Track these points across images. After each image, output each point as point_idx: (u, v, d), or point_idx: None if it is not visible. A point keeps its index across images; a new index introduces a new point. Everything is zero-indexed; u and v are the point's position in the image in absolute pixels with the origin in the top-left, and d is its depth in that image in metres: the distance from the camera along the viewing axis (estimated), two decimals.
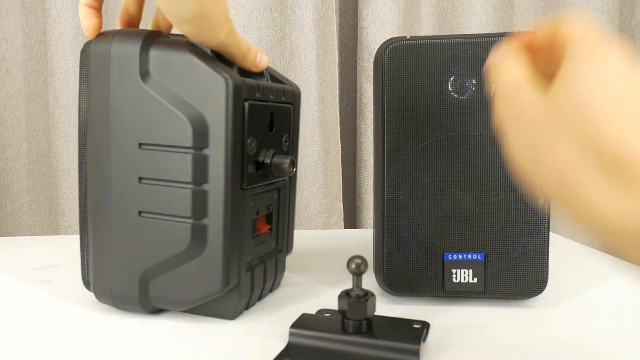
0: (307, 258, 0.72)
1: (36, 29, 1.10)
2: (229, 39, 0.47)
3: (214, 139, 0.45)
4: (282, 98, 0.54)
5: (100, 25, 0.50)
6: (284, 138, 0.54)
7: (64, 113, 1.09)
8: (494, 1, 1.18)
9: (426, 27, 1.18)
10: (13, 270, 0.67)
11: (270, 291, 0.58)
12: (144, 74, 0.46)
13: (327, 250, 0.77)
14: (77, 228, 1.12)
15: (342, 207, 1.18)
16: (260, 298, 0.56)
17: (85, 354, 0.44)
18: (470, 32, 1.17)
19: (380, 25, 1.13)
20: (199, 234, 0.46)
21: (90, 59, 0.48)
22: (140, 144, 0.47)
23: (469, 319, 0.51)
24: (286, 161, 0.51)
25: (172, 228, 0.47)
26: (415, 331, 0.45)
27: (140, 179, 0.47)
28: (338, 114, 1.16)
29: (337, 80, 1.16)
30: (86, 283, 0.53)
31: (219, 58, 0.48)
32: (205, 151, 0.45)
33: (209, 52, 0.48)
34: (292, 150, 0.57)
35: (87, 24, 0.50)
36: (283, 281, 0.61)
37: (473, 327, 0.49)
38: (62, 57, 1.06)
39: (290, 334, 0.45)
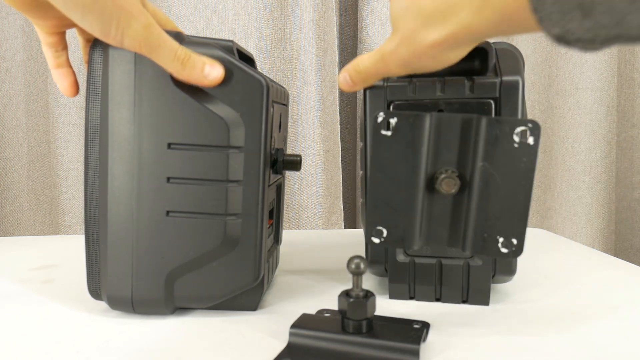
0: (307, 258, 0.72)
1: None
2: (151, 37, 0.43)
3: (250, 137, 0.47)
4: (283, 100, 0.57)
5: (75, 82, 0.51)
6: (285, 137, 0.58)
7: (64, 113, 1.09)
8: None
9: None
10: (13, 270, 0.67)
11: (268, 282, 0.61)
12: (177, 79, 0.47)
13: (328, 250, 0.77)
14: (77, 228, 1.12)
15: (342, 207, 1.18)
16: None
17: (85, 353, 0.44)
18: None
19: (380, 25, 1.12)
20: (233, 230, 0.48)
21: (111, 58, 0.47)
22: (169, 144, 0.47)
23: (469, 319, 0.51)
24: (297, 158, 0.54)
25: (203, 226, 0.48)
26: (415, 331, 0.45)
27: (169, 178, 0.48)
28: (338, 114, 1.16)
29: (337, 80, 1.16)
30: (94, 293, 0.51)
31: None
32: (241, 150, 0.47)
33: (235, 52, 0.49)
34: (285, 147, 0.60)
35: (63, 85, 0.51)
36: (283, 281, 0.61)
37: (473, 327, 0.49)
38: None
39: (291, 334, 0.45)
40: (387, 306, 0.54)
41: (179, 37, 0.47)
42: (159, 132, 0.47)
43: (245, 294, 0.51)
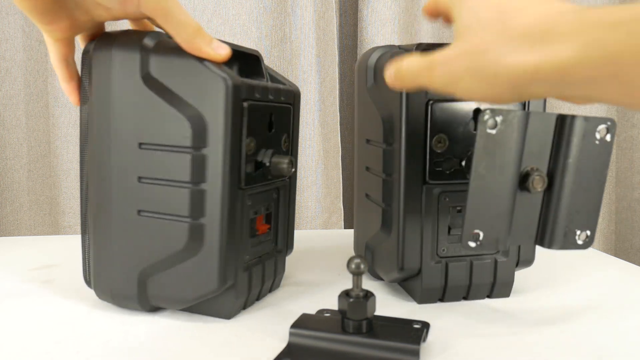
0: (307, 258, 0.72)
1: (36, 29, 1.10)
2: (166, 3, 0.44)
3: (212, 138, 0.45)
4: (282, 98, 0.54)
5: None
6: (283, 138, 0.54)
7: (64, 113, 1.09)
8: None
9: (426, 27, 1.18)
10: (13, 270, 0.67)
11: (270, 291, 0.58)
12: (145, 75, 0.47)
13: (327, 250, 0.77)
14: (77, 228, 1.12)
15: (342, 207, 1.18)
16: (258, 298, 0.56)
17: (85, 353, 0.44)
18: None
19: (380, 26, 1.12)
20: (196, 233, 0.47)
21: (93, 60, 0.49)
22: (140, 144, 0.47)
23: (469, 319, 0.51)
24: (285, 161, 0.51)
25: (170, 227, 0.47)
26: (416, 331, 0.45)
27: (139, 178, 0.48)
28: (338, 114, 1.16)
29: (337, 80, 1.16)
30: (87, 281, 0.53)
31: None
32: (204, 151, 0.46)
33: None
34: (291, 150, 0.57)
35: (76, 98, 0.52)
36: (283, 281, 0.61)
37: (473, 327, 0.49)
38: None
39: (291, 334, 0.45)
40: (387, 306, 0.54)
41: None
42: (130, 132, 0.48)
43: (219, 301, 0.50)
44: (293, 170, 0.53)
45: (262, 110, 0.50)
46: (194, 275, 0.48)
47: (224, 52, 0.46)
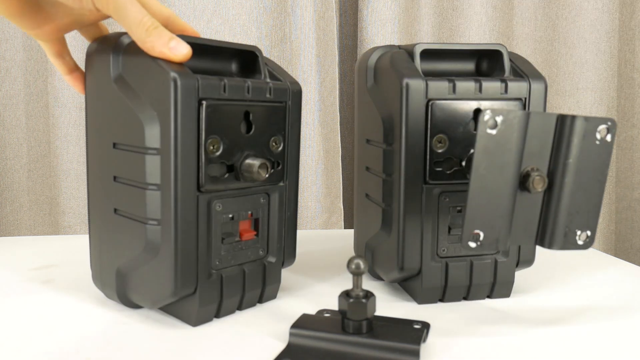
0: (307, 258, 0.72)
1: None
2: None
3: (165, 140, 0.45)
4: (268, 96, 0.51)
5: None
6: (271, 140, 0.52)
7: (64, 113, 1.09)
8: (494, 1, 1.18)
9: (426, 27, 1.18)
10: (13, 270, 0.67)
11: (261, 302, 0.55)
12: (117, 77, 0.47)
13: (327, 250, 0.77)
14: (77, 228, 1.12)
15: (342, 207, 1.18)
16: (241, 307, 0.53)
17: (85, 353, 0.44)
18: (470, 32, 1.17)
19: (380, 25, 1.13)
20: (153, 236, 0.47)
21: (87, 62, 0.51)
22: (114, 144, 0.48)
23: (469, 319, 0.51)
24: (255, 163, 0.48)
25: (136, 228, 0.48)
26: (416, 331, 0.45)
27: (115, 177, 0.49)
28: (338, 114, 1.16)
29: (337, 80, 1.16)
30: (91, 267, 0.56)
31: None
32: (159, 152, 0.45)
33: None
34: (287, 152, 0.54)
35: (80, 87, 0.53)
36: (283, 282, 0.61)
37: (473, 328, 0.49)
38: None
39: (291, 334, 0.45)
40: (387, 306, 0.54)
41: None
42: (105, 132, 0.49)
43: (184, 306, 0.49)
44: (267, 175, 0.49)
45: (232, 109, 0.48)
46: (154, 278, 0.47)
47: (183, 52, 0.44)
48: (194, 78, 0.45)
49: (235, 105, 0.49)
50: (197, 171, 0.46)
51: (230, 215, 0.50)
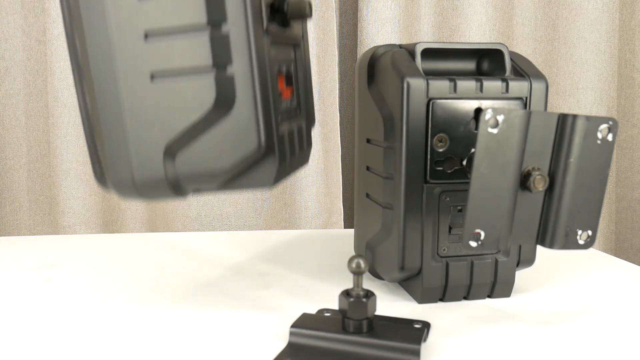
0: (307, 258, 0.72)
1: (36, 28, 1.10)
2: None
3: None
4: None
5: None
6: None
7: (64, 113, 1.09)
8: (494, 1, 1.17)
9: (426, 27, 1.18)
10: (13, 270, 0.66)
11: (300, 165, 0.52)
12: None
13: (327, 250, 0.77)
14: (77, 228, 1.11)
15: (342, 207, 1.18)
16: (291, 171, 0.49)
17: (85, 353, 0.44)
18: (470, 32, 1.17)
19: (380, 25, 1.12)
20: (226, 87, 0.41)
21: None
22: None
23: (469, 319, 0.51)
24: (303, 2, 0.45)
25: (194, 86, 0.41)
26: (416, 331, 0.45)
27: (146, 35, 0.41)
28: (338, 114, 1.16)
29: (337, 80, 1.16)
30: (99, 178, 0.46)
31: None
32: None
33: None
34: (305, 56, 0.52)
35: None
36: (283, 281, 0.61)
37: (473, 327, 0.49)
38: (61, 56, 1.06)
39: (291, 333, 0.45)
40: (387, 306, 0.54)
41: None
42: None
43: (259, 168, 0.44)
44: (311, 13, 0.46)
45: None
46: (229, 138, 0.42)
47: None
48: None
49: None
50: (260, 8, 0.42)
51: (277, 67, 0.46)
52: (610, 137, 0.43)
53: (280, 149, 0.45)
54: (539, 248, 0.77)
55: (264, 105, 0.42)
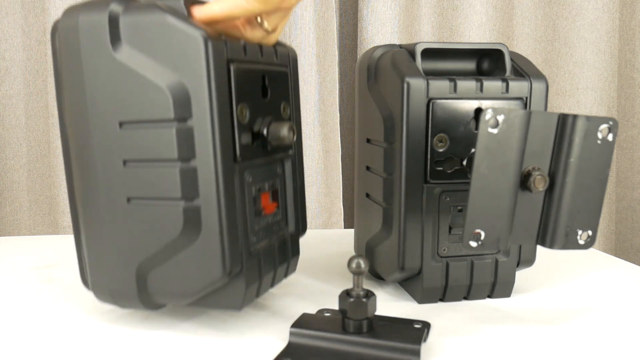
0: (307, 258, 0.72)
1: (36, 28, 1.10)
2: None
3: (197, 107, 0.41)
4: (275, 60, 0.49)
5: None
6: (282, 106, 0.50)
7: None
8: (494, 1, 1.17)
9: (426, 27, 1.18)
10: (13, 270, 0.66)
11: (285, 276, 0.53)
12: (116, 43, 0.42)
13: (327, 250, 0.77)
14: None
15: (342, 207, 1.18)
16: (272, 284, 0.51)
17: (85, 353, 0.44)
18: (470, 32, 1.16)
19: (380, 25, 1.12)
20: (193, 217, 0.43)
21: (59, 36, 0.44)
22: (120, 123, 0.43)
23: (469, 319, 0.51)
24: (284, 126, 0.45)
25: (164, 213, 0.43)
26: (416, 331, 0.45)
27: (125, 161, 0.43)
28: (338, 114, 1.16)
29: (337, 80, 1.16)
30: (85, 281, 0.50)
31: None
32: (190, 122, 0.41)
33: (184, 12, 0.43)
34: (293, 119, 0.52)
35: None
36: (283, 281, 0.61)
37: (473, 328, 0.49)
38: None
39: (291, 333, 0.45)
40: (387, 306, 0.54)
41: None
42: (109, 110, 0.43)
43: (228, 291, 0.45)
44: (294, 137, 0.47)
45: (253, 72, 0.46)
46: (196, 264, 0.43)
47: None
48: (222, 37, 0.42)
49: (256, 68, 0.46)
50: (233, 140, 0.43)
51: (257, 188, 0.47)
52: (610, 137, 0.43)
53: (248, 275, 0.46)
54: (539, 248, 0.77)
55: (229, 234, 0.43)
